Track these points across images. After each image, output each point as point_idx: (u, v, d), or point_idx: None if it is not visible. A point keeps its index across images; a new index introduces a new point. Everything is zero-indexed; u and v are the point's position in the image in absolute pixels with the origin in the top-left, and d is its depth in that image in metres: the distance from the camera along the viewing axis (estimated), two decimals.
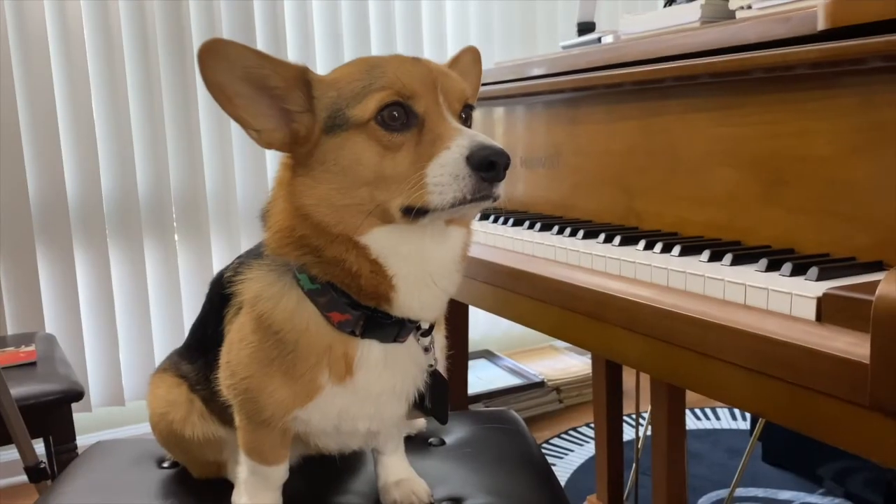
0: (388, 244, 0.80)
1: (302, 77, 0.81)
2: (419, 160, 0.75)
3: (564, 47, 1.79)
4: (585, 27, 1.99)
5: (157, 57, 2.63)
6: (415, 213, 0.76)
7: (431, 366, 0.91)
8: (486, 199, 0.75)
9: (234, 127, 2.77)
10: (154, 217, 2.70)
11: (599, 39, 1.66)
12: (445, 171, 0.74)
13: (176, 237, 2.75)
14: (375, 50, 3.02)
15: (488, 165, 0.73)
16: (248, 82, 0.79)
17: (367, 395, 0.86)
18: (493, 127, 1.74)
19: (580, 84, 1.39)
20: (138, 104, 2.62)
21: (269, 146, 0.82)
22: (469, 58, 0.98)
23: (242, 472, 0.96)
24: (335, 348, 0.84)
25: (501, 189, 0.76)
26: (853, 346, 0.72)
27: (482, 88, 1.72)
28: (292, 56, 2.88)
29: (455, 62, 0.97)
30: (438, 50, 3.16)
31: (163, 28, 2.63)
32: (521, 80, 1.60)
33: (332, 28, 2.93)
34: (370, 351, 0.85)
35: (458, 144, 0.74)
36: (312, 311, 0.84)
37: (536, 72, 1.56)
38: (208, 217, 2.77)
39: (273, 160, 2.86)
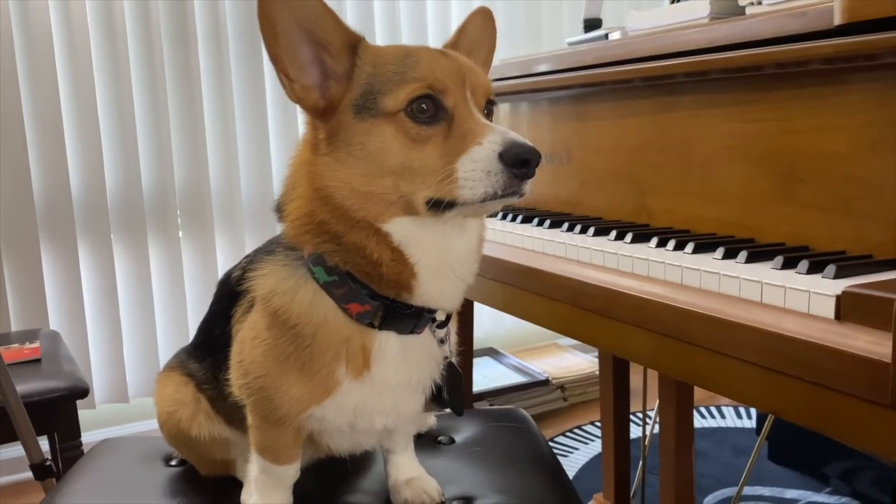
0: (410, 233, 0.80)
1: (356, 43, 0.80)
2: (448, 154, 0.76)
3: (571, 44, 1.78)
4: (591, 24, 1.98)
5: (161, 53, 2.62)
6: (443, 206, 0.76)
7: (447, 358, 0.90)
8: (514, 195, 0.76)
9: (239, 123, 2.77)
10: (158, 213, 2.69)
11: (606, 36, 1.65)
12: (478, 167, 0.74)
13: (180, 234, 2.74)
14: None
15: (521, 163, 0.74)
16: (303, 27, 0.77)
17: (385, 389, 0.86)
18: (499, 124, 1.73)
19: (590, 80, 1.38)
20: (142, 100, 2.62)
21: (297, 101, 0.80)
22: (478, 22, 0.95)
23: (253, 470, 0.95)
24: (353, 341, 0.83)
25: (529, 186, 0.76)
26: (874, 344, 0.71)
27: None
28: None
29: (462, 32, 0.94)
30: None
31: (167, 24, 2.62)
32: (528, 76, 1.59)
33: None
34: (388, 343, 0.84)
35: (490, 140, 0.74)
36: (329, 303, 0.83)
37: (544, 68, 1.55)
38: (212, 213, 2.76)
39: (278, 156, 2.85)
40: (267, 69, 2.81)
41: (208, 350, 1.01)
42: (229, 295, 0.95)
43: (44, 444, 1.82)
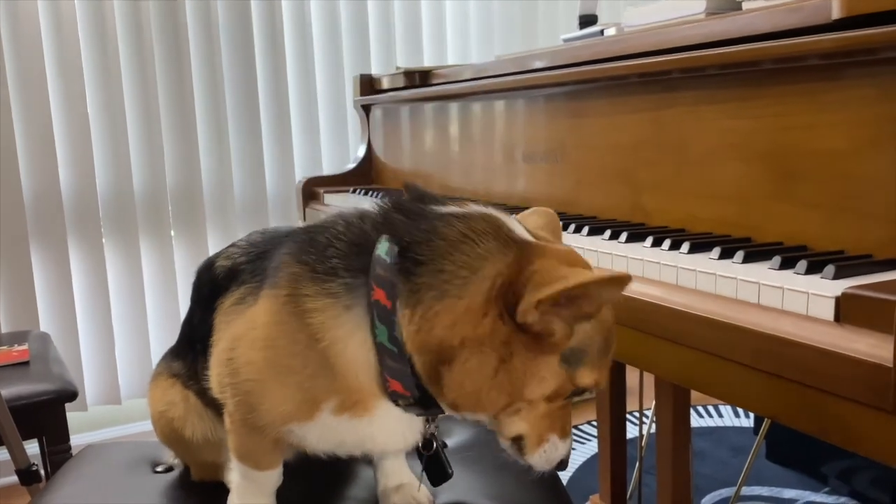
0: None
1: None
2: (551, 426, 0.79)
3: (566, 40, 1.75)
4: (587, 20, 1.96)
5: (152, 50, 2.59)
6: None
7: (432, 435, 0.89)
8: None
9: (231, 122, 2.75)
10: (150, 213, 2.66)
11: (602, 32, 1.63)
12: (550, 454, 0.79)
13: (172, 233, 2.72)
14: (374, 45, 2.99)
15: (557, 468, 0.82)
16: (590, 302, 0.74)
17: (371, 437, 0.83)
18: (494, 121, 1.71)
19: (584, 76, 1.36)
20: (133, 98, 2.59)
21: (535, 325, 0.75)
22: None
23: (234, 476, 0.93)
24: (367, 401, 0.79)
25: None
26: (875, 347, 0.69)
27: (482, 82, 1.70)
28: (289, 54, 2.85)
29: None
30: (438, 43, 3.13)
31: (158, 22, 2.59)
32: (524, 72, 1.57)
33: (329, 22, 2.89)
34: (393, 409, 0.80)
35: (566, 443, 0.81)
36: (372, 363, 0.75)
37: (539, 64, 1.53)
38: (204, 213, 2.74)
39: (270, 154, 2.83)
40: (259, 67, 2.79)
41: (188, 344, 0.99)
42: (212, 284, 0.91)
43: (33, 447, 1.80)
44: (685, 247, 1.02)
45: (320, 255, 0.77)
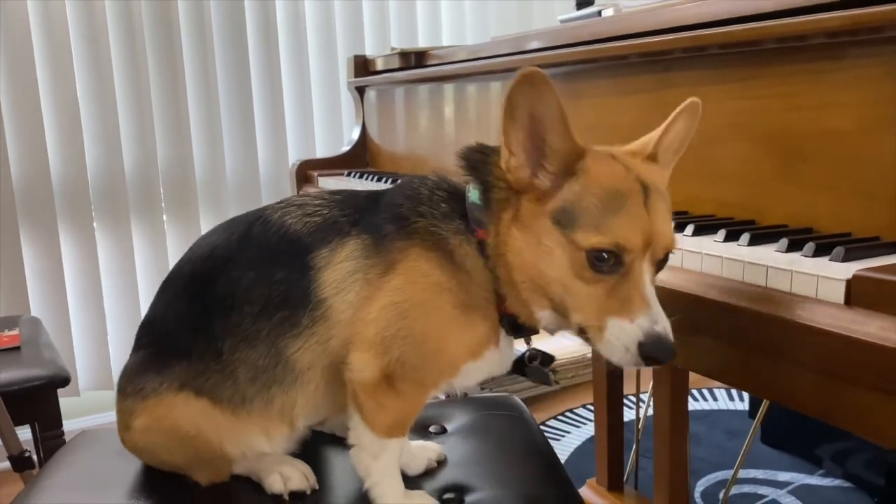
0: (552, 320, 0.87)
1: (577, 157, 0.83)
2: (605, 306, 0.79)
3: (563, 21, 1.73)
4: (584, 0, 1.93)
5: (142, 32, 2.55)
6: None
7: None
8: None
9: (223, 105, 2.71)
10: (141, 197, 2.63)
11: (599, 13, 1.60)
12: (621, 340, 0.78)
13: (164, 217, 2.69)
14: (368, 27, 2.95)
15: (654, 360, 0.77)
16: (534, 120, 0.81)
17: (500, 364, 0.93)
18: (490, 103, 1.69)
19: (584, 56, 1.34)
20: (124, 81, 2.55)
21: (507, 170, 0.84)
22: (687, 119, 0.96)
23: (374, 462, 0.90)
24: (498, 333, 0.90)
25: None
26: (887, 331, 0.67)
27: (479, 62, 1.68)
28: (282, 35, 2.81)
29: (671, 128, 0.96)
30: (433, 24, 3.09)
31: (148, 3, 2.55)
32: (521, 53, 1.54)
33: (323, 3, 2.86)
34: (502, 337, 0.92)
35: (639, 324, 0.77)
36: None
37: (536, 45, 1.51)
38: (197, 197, 2.71)
39: (263, 137, 2.80)
40: (252, 49, 2.75)
41: (199, 331, 0.96)
42: (292, 240, 0.91)
43: (26, 433, 1.78)
44: (689, 229, 1.01)
45: (435, 206, 0.89)
